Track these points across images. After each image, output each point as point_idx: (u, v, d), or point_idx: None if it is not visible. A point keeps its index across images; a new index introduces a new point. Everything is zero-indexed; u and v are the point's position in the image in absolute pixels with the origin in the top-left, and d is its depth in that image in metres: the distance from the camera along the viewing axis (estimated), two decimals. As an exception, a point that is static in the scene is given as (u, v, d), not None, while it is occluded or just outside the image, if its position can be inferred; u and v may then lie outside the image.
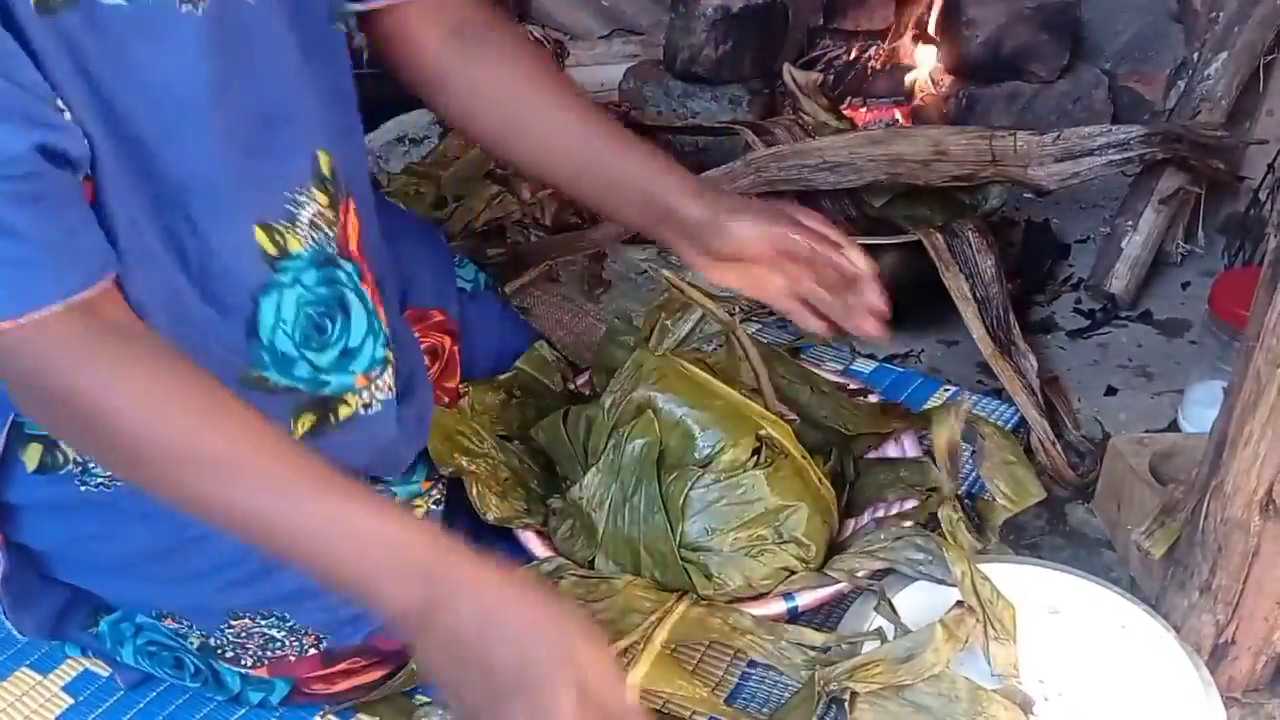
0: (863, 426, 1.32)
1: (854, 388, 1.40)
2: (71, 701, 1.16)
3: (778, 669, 1.09)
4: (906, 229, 1.74)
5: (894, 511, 1.20)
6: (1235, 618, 1.08)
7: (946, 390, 1.60)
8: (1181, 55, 2.01)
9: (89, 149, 0.84)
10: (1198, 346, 1.64)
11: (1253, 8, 1.79)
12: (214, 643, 1.09)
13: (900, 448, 1.29)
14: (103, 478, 1.01)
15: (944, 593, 1.08)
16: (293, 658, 1.09)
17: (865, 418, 1.34)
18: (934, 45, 2.28)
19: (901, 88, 2.28)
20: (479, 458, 1.24)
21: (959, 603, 1.04)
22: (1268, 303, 0.95)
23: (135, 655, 1.13)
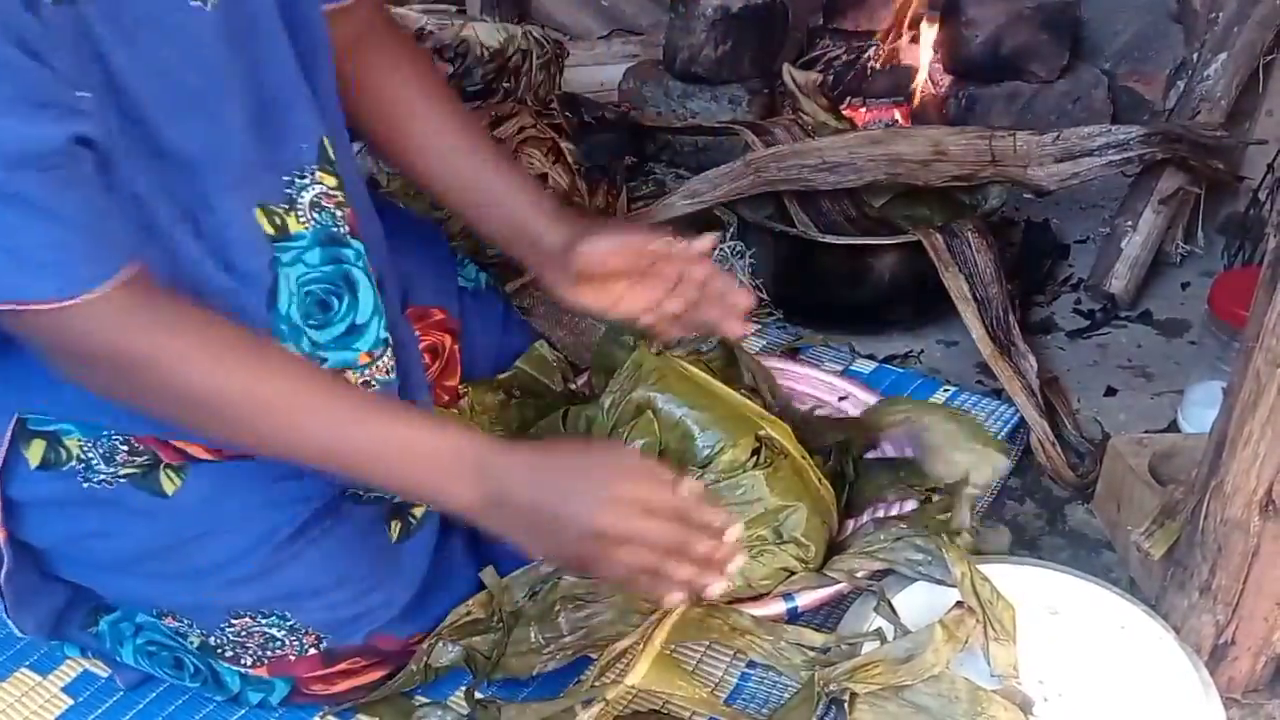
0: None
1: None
2: (71, 702, 1.16)
3: (777, 669, 1.09)
4: (906, 229, 1.74)
5: (894, 512, 1.20)
6: (1235, 618, 1.08)
7: (946, 390, 1.60)
8: (1181, 55, 2.01)
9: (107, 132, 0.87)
10: (1197, 347, 1.64)
11: (1252, 8, 1.79)
12: (214, 642, 1.09)
13: (897, 446, 1.29)
14: (105, 474, 1.01)
15: (944, 593, 1.08)
16: (292, 657, 1.09)
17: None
18: (933, 45, 2.28)
19: (901, 88, 2.28)
20: None
21: (958, 603, 1.04)
22: (1267, 303, 0.95)
23: (135, 655, 1.13)
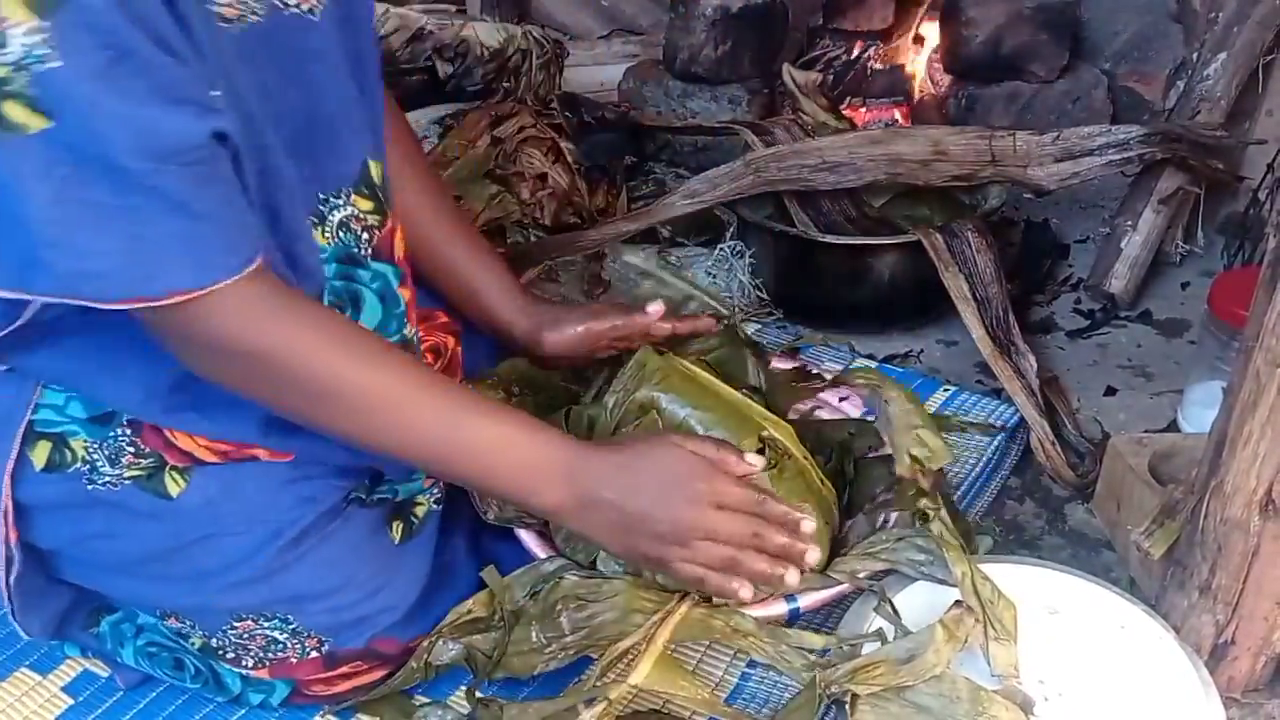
0: (784, 395, 1.34)
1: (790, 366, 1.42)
2: (71, 702, 1.16)
3: (778, 669, 1.09)
4: (906, 229, 1.74)
5: (880, 500, 1.20)
6: (1235, 618, 1.08)
7: (946, 390, 1.60)
8: (1181, 55, 2.01)
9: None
10: (1197, 346, 1.64)
11: (1252, 8, 1.80)
12: (216, 643, 1.09)
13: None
14: (111, 476, 1.02)
15: (944, 593, 1.07)
16: (294, 660, 1.09)
17: (784, 386, 1.35)
18: (933, 45, 2.28)
19: (901, 88, 2.28)
20: None
21: (958, 602, 1.04)
22: (1267, 303, 0.95)
23: (135, 656, 1.13)
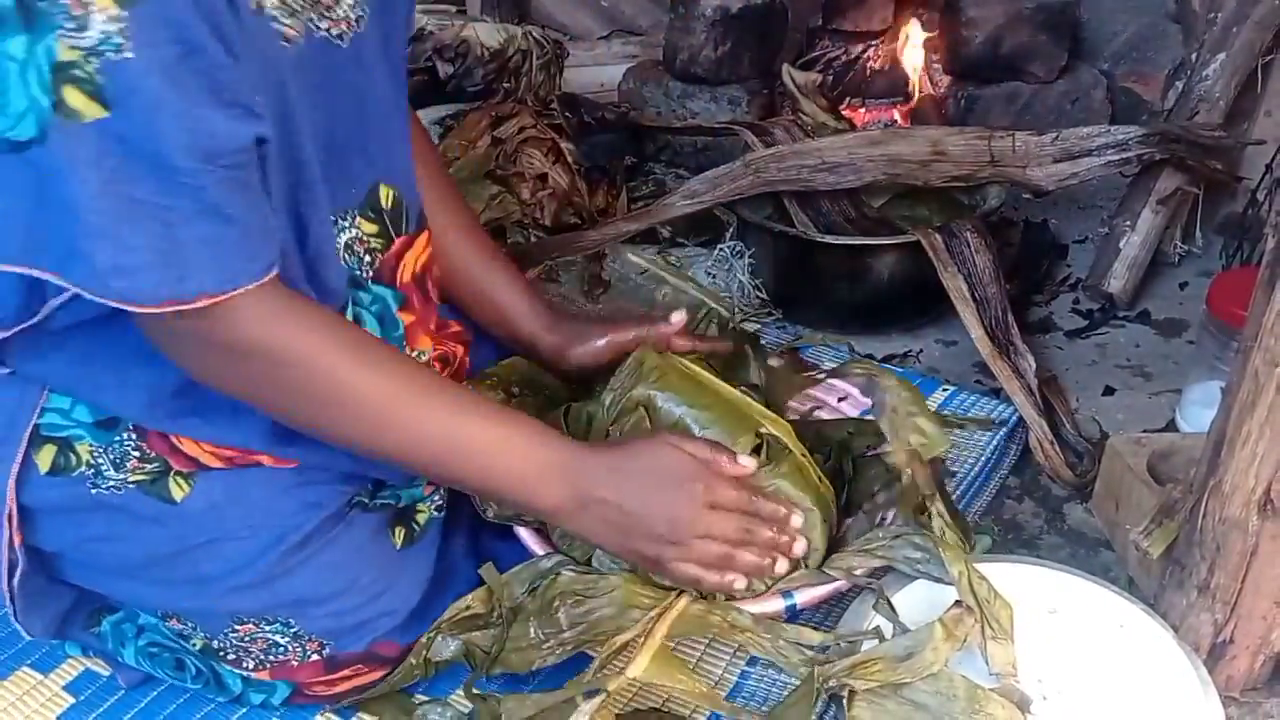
0: (783, 391, 1.34)
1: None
2: (72, 701, 1.16)
3: (777, 666, 1.09)
4: (905, 229, 1.74)
5: (880, 500, 1.20)
6: (1233, 617, 1.08)
7: (945, 390, 1.61)
8: (1180, 56, 2.02)
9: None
10: (1195, 346, 1.64)
11: (1251, 8, 1.80)
12: (217, 645, 1.09)
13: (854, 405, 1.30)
14: (115, 480, 1.02)
15: (943, 591, 1.08)
16: (295, 663, 1.09)
17: (782, 379, 1.35)
18: (933, 46, 2.29)
19: (900, 88, 2.28)
20: None
21: (957, 602, 1.04)
22: (1265, 303, 0.96)
23: (137, 656, 1.13)
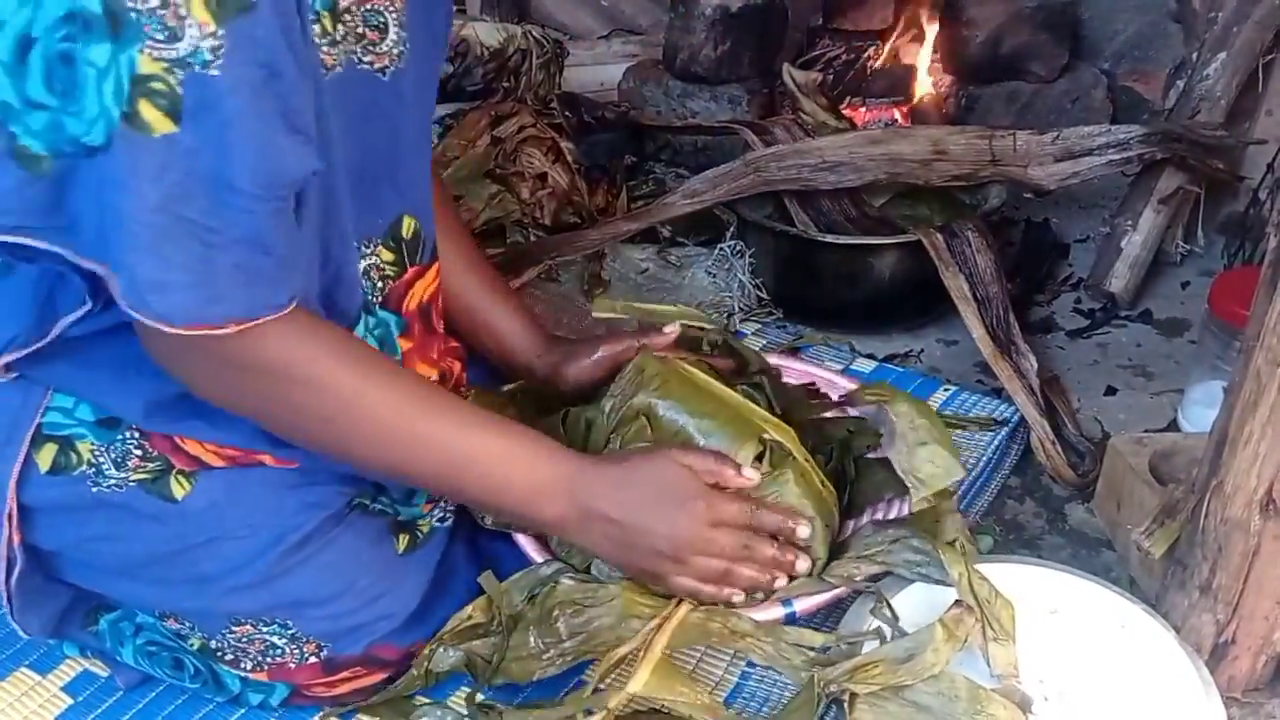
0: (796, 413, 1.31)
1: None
2: (71, 701, 1.15)
3: (777, 669, 1.08)
4: (906, 229, 1.74)
5: (892, 514, 1.19)
6: (1235, 617, 1.08)
7: (947, 390, 1.60)
8: (1181, 55, 2.01)
9: None
10: (1197, 346, 1.64)
11: (1251, 8, 1.80)
12: (215, 645, 1.09)
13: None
14: (116, 479, 1.01)
15: (943, 593, 1.07)
16: (292, 665, 1.09)
17: (796, 403, 1.33)
18: (933, 45, 2.28)
19: (901, 87, 2.28)
20: None
21: (958, 602, 1.03)
22: (1267, 302, 0.95)
23: (135, 655, 1.13)
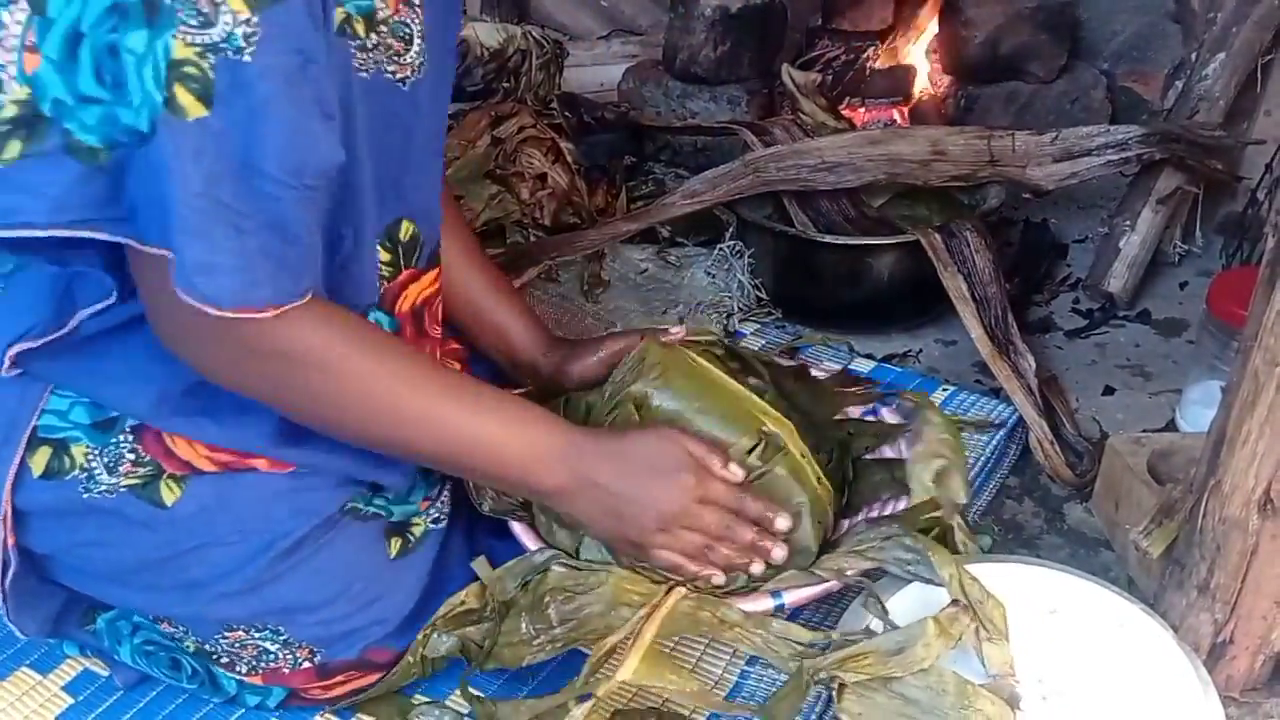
0: (826, 406, 1.33)
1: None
2: (71, 701, 1.15)
3: (776, 667, 1.08)
4: (905, 229, 1.74)
5: (887, 511, 1.19)
6: (1233, 617, 1.08)
7: (945, 390, 1.60)
8: (1180, 55, 2.01)
9: None
10: (1195, 346, 1.64)
11: (1250, 8, 1.80)
12: (209, 648, 1.09)
13: (895, 448, 1.28)
14: (107, 484, 1.01)
15: (941, 593, 1.07)
16: (286, 670, 1.09)
17: (824, 394, 1.34)
18: (932, 45, 2.28)
19: (900, 88, 2.28)
20: None
21: (955, 601, 1.03)
22: (1265, 302, 0.95)
23: (132, 655, 1.13)
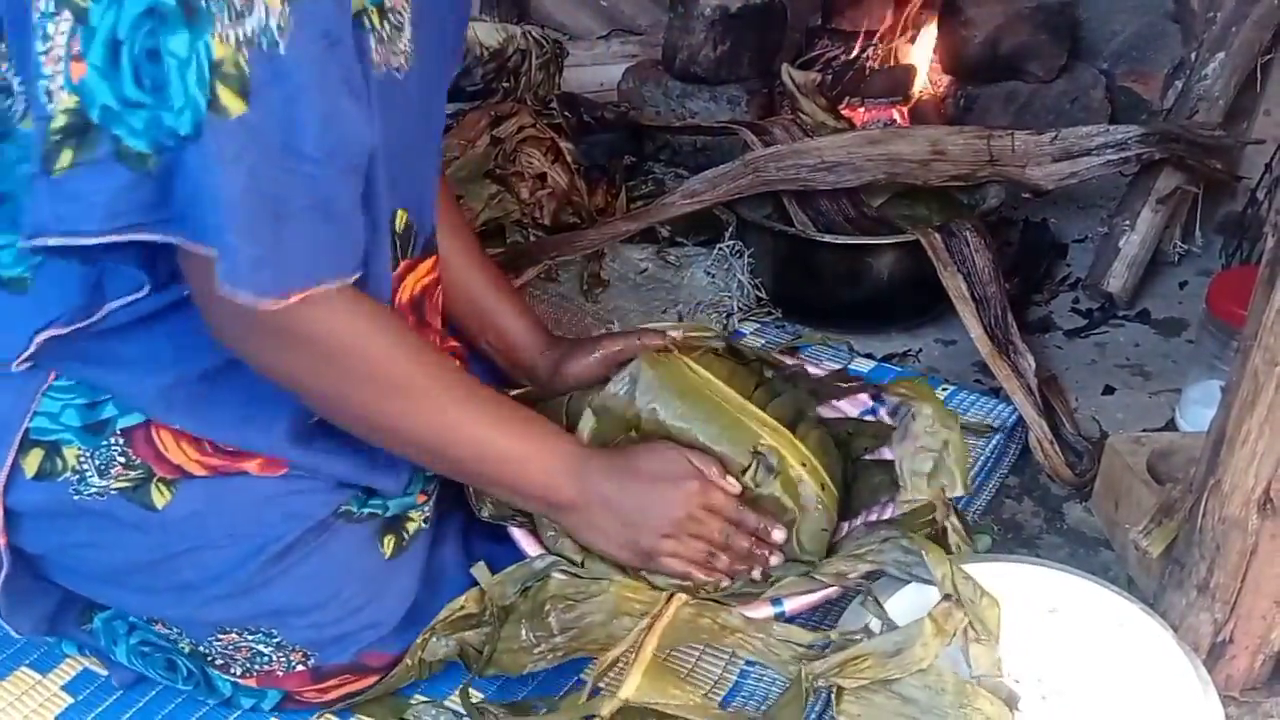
0: (813, 398, 1.33)
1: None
2: (71, 700, 1.15)
3: (768, 664, 1.08)
4: (905, 229, 1.74)
5: (886, 515, 1.19)
6: (1233, 616, 1.08)
7: (945, 389, 1.60)
8: (1179, 55, 2.01)
9: None
10: (1195, 345, 1.64)
11: (1250, 8, 1.80)
12: (204, 650, 1.09)
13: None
14: (98, 487, 1.01)
15: (937, 594, 1.07)
16: (280, 672, 1.09)
17: (826, 385, 1.35)
18: (932, 45, 2.28)
19: (899, 87, 2.28)
20: None
21: (948, 596, 1.03)
22: (1265, 301, 0.95)
23: (129, 655, 1.13)
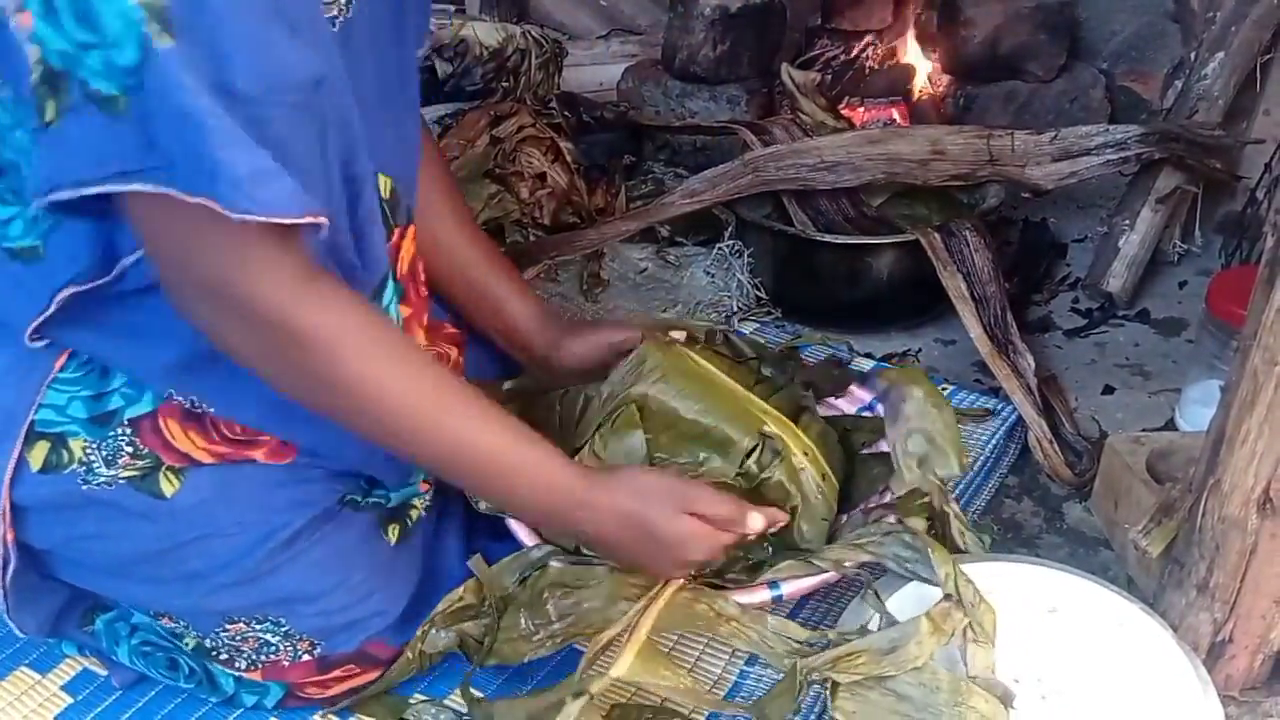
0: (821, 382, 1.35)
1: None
2: (70, 700, 1.16)
3: (776, 667, 1.08)
4: (904, 228, 1.74)
5: (884, 500, 1.19)
6: (1232, 616, 1.08)
7: (944, 389, 1.60)
8: (1179, 55, 2.01)
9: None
10: (1195, 345, 1.64)
11: (1249, 7, 1.80)
12: (209, 644, 1.09)
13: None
14: (106, 476, 1.01)
15: (936, 593, 1.07)
16: (286, 663, 1.09)
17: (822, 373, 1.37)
18: (931, 45, 2.29)
19: (899, 87, 2.28)
20: None
21: (947, 596, 1.03)
22: (1265, 301, 0.95)
23: (130, 655, 1.13)
